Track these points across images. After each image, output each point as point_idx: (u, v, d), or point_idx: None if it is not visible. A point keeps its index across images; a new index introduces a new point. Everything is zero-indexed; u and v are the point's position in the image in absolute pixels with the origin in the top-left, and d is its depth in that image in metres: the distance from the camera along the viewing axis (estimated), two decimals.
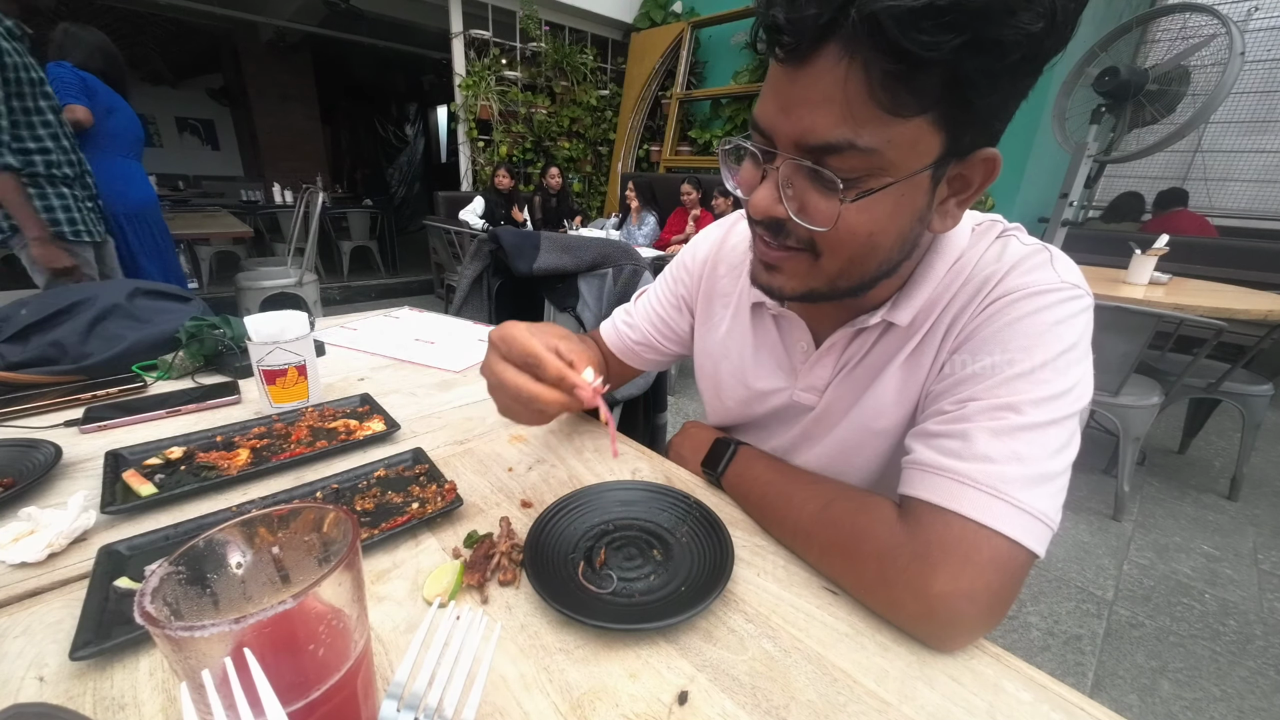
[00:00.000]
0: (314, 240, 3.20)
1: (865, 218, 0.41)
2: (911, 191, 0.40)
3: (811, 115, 0.37)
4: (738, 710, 0.35)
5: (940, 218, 0.44)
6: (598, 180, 5.75)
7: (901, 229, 0.43)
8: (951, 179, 0.42)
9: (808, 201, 0.41)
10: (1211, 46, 2.23)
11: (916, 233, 0.44)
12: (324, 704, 0.26)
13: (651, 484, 0.57)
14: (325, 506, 0.30)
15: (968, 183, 0.42)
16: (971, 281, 0.49)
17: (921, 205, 0.42)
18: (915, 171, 0.39)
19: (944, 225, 0.45)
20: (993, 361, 0.45)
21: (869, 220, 0.41)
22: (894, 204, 0.40)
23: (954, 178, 0.42)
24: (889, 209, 0.40)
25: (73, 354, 0.82)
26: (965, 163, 0.40)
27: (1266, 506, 2.08)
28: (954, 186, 0.43)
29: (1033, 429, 0.42)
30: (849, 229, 0.41)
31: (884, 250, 0.44)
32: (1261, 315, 1.70)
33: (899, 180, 0.38)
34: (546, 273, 1.19)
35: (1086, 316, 0.46)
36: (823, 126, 0.37)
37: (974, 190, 0.43)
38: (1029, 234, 0.52)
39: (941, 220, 0.44)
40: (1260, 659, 1.38)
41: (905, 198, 0.40)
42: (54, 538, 0.45)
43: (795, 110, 0.38)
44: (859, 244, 0.43)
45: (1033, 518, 0.40)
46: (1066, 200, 2.59)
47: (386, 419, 0.71)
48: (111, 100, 2.08)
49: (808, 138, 0.38)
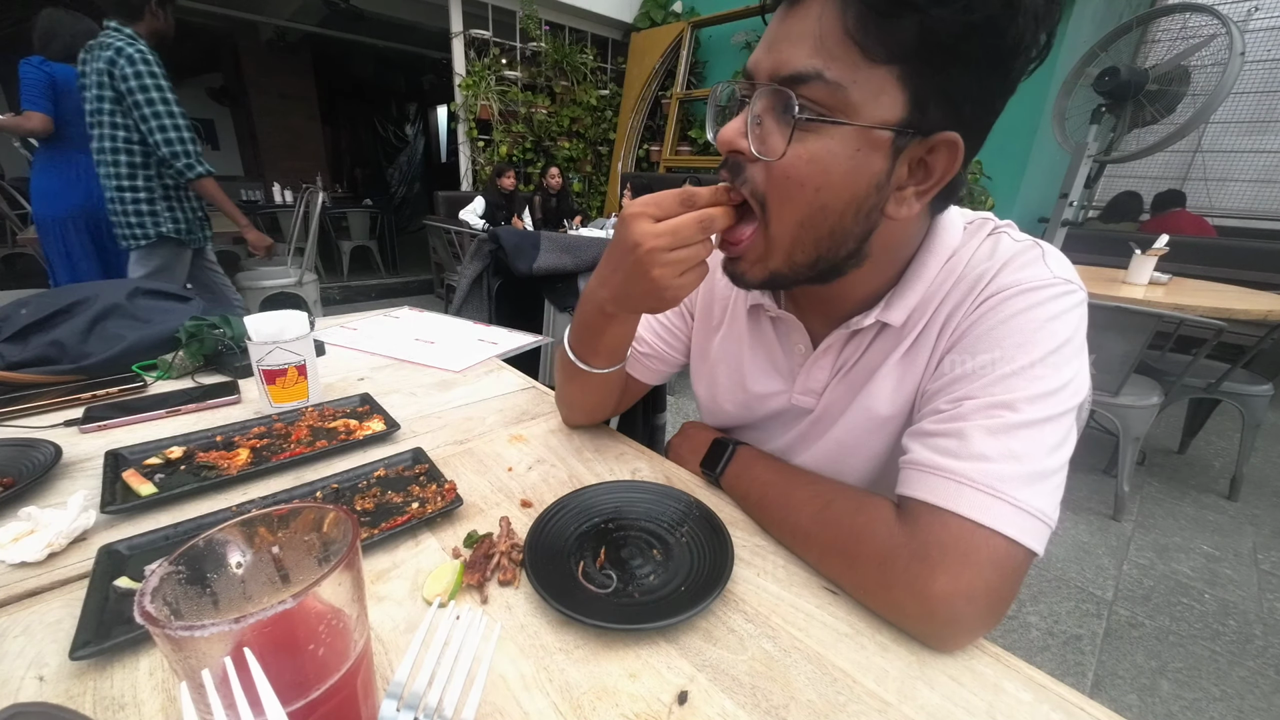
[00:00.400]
0: (314, 240, 3.20)
1: (813, 161, 0.41)
2: (868, 149, 0.40)
3: (790, 48, 0.40)
4: (737, 710, 0.35)
5: (897, 204, 0.43)
6: (598, 180, 5.75)
7: (854, 192, 0.42)
8: (913, 163, 0.42)
9: (768, 135, 0.42)
10: (1211, 46, 2.23)
11: (871, 205, 0.43)
12: (324, 704, 0.26)
13: (651, 484, 0.57)
14: (325, 506, 0.30)
15: (929, 171, 0.42)
16: (964, 279, 0.49)
17: (877, 172, 0.41)
18: (875, 125, 0.39)
19: (899, 213, 0.44)
20: (987, 359, 0.45)
21: (817, 167, 0.41)
22: (847, 156, 0.40)
23: (915, 162, 0.42)
24: (841, 160, 0.41)
25: (73, 354, 0.82)
26: (927, 143, 0.41)
27: (1266, 506, 2.08)
28: (915, 175, 0.43)
29: (1028, 426, 0.42)
30: (796, 168, 0.41)
31: (834, 214, 0.43)
32: (1261, 315, 1.70)
33: (856, 125, 0.39)
34: (546, 272, 1.19)
35: (1080, 312, 0.46)
36: (797, 57, 0.39)
37: (935, 181, 0.43)
38: (1021, 230, 0.52)
39: (897, 207, 0.44)
40: (1260, 659, 1.38)
41: (860, 155, 0.40)
42: (54, 537, 0.45)
43: (777, 45, 0.41)
44: (805, 198, 0.42)
45: (1031, 516, 0.40)
46: (1066, 200, 2.59)
47: (386, 419, 0.71)
48: None
49: (782, 68, 0.40)
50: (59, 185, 2.06)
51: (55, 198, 2.07)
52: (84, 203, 2.07)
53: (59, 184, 2.06)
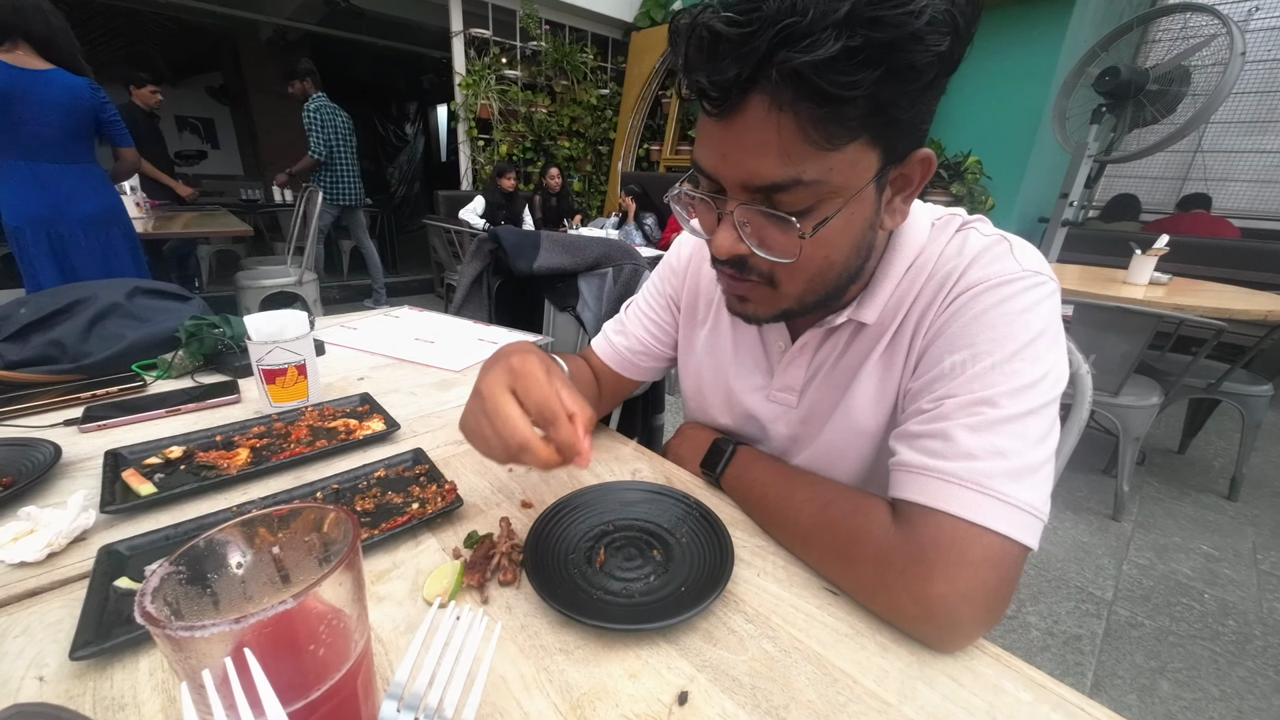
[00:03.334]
0: (314, 239, 3.19)
1: (820, 243, 0.43)
2: (860, 206, 0.43)
3: (753, 161, 0.39)
4: (738, 710, 0.35)
5: (890, 215, 0.46)
6: (598, 180, 5.75)
7: (856, 240, 0.45)
8: (894, 180, 0.44)
9: (767, 237, 0.43)
10: (1212, 46, 2.23)
11: (870, 238, 0.46)
12: (324, 704, 0.26)
13: (651, 484, 0.57)
14: (325, 506, 0.30)
15: (909, 180, 0.45)
16: (935, 277, 0.50)
17: (870, 214, 0.44)
18: (860, 189, 0.41)
19: (895, 221, 0.47)
20: (963, 356, 0.46)
21: (825, 244, 0.43)
22: (845, 222, 0.43)
23: (895, 179, 0.44)
24: (841, 228, 0.43)
25: (72, 353, 0.82)
26: (904, 164, 0.43)
27: (1266, 506, 2.08)
28: (896, 185, 0.45)
29: (1011, 421, 0.42)
30: (809, 257, 0.44)
31: (841, 264, 0.46)
32: (1261, 315, 1.70)
33: (848, 201, 0.41)
34: (547, 272, 1.19)
35: (1052, 302, 0.46)
36: (766, 169, 0.39)
37: (916, 185, 0.45)
38: (992, 225, 0.52)
39: (891, 218, 0.46)
40: (1259, 659, 1.38)
41: (855, 214, 0.43)
42: (53, 537, 0.45)
43: (734, 156, 0.40)
44: (816, 267, 0.45)
45: (1021, 511, 0.40)
46: (1066, 200, 2.59)
47: (386, 419, 0.71)
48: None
49: (753, 180, 0.40)
50: (13, 197, 1.90)
51: (15, 210, 1.91)
52: (48, 215, 1.91)
53: (14, 196, 1.89)
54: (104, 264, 2.05)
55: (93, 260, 2.02)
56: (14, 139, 1.81)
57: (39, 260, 1.95)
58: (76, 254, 1.99)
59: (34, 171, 1.87)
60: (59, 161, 1.90)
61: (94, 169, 2.02)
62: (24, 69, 1.75)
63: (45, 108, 1.80)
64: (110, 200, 2.06)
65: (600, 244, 1.20)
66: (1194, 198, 3.66)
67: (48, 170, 1.89)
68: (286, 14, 5.90)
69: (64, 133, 1.87)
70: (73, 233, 1.96)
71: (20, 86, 1.75)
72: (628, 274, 1.18)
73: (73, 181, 1.94)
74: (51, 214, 1.92)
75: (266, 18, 5.95)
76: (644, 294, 0.76)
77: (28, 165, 1.86)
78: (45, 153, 1.86)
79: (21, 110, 1.77)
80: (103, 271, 2.05)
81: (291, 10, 5.83)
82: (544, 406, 0.43)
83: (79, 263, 2.00)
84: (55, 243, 1.95)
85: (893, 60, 0.34)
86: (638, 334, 0.74)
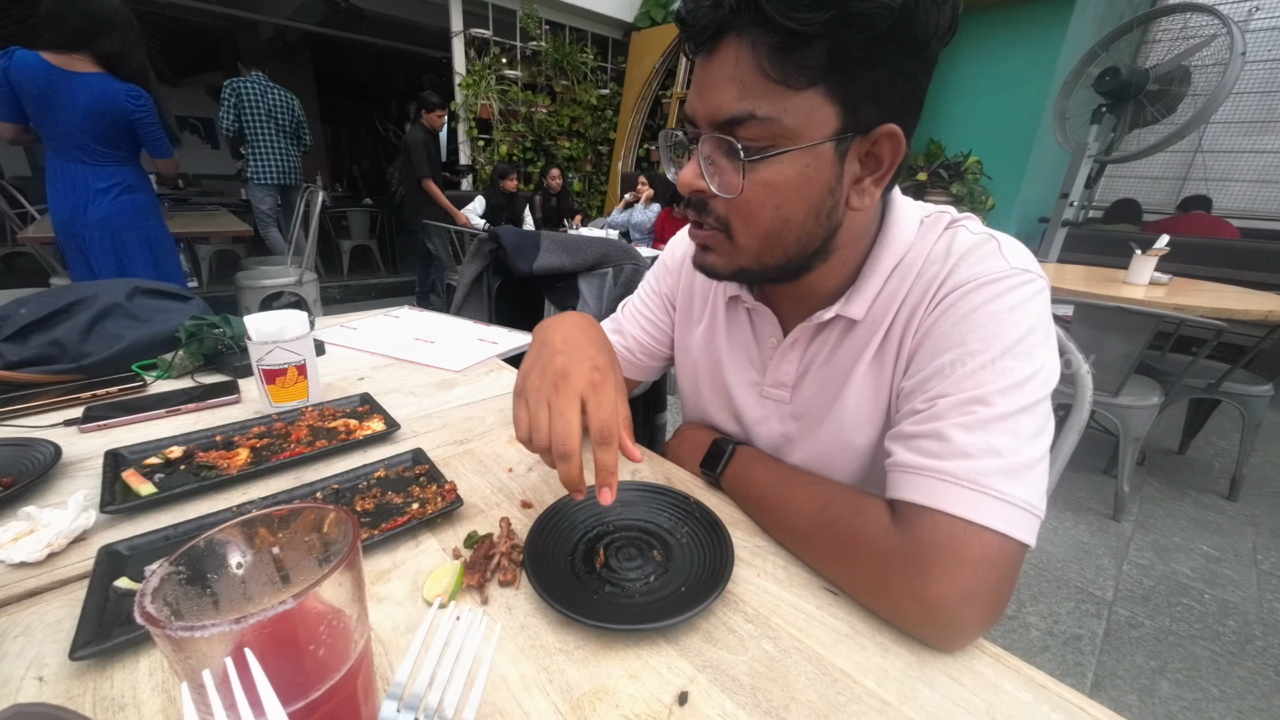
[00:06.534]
0: (314, 239, 3.19)
1: (769, 186, 0.44)
2: (816, 163, 0.43)
3: (719, 95, 0.42)
4: (738, 710, 0.35)
5: (858, 195, 0.46)
6: (598, 180, 5.75)
7: (812, 201, 0.45)
8: (862, 157, 0.44)
9: (722, 172, 0.45)
10: (1212, 46, 2.23)
11: (830, 206, 0.46)
12: (324, 704, 0.26)
13: (651, 484, 0.57)
14: (325, 507, 0.30)
15: (879, 161, 0.45)
16: (923, 276, 0.50)
17: (829, 178, 0.44)
18: (816, 142, 0.42)
19: (862, 203, 0.47)
20: (954, 356, 0.46)
21: (774, 190, 0.44)
22: (798, 174, 0.43)
23: (864, 156, 0.44)
24: (793, 179, 0.43)
25: (72, 353, 0.82)
26: (870, 139, 0.43)
27: (1266, 507, 2.08)
28: (867, 166, 0.45)
29: (1004, 419, 0.42)
30: (755, 196, 0.44)
31: (798, 225, 0.46)
32: (1261, 315, 1.70)
33: (799, 147, 0.42)
34: (547, 272, 1.19)
35: (1041, 299, 0.47)
36: (727, 102, 0.41)
37: (887, 168, 0.45)
38: (981, 224, 0.52)
39: (859, 198, 0.46)
40: (1259, 659, 1.38)
41: (810, 169, 0.43)
42: (53, 537, 0.45)
43: (707, 93, 0.43)
44: (767, 217, 0.45)
45: (1018, 508, 0.40)
46: (1066, 200, 2.59)
47: (386, 419, 0.71)
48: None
49: (717, 114, 0.42)
50: (50, 195, 1.95)
51: (51, 208, 1.98)
52: (69, 217, 1.95)
53: (50, 194, 1.95)
54: (118, 267, 2.08)
55: (107, 262, 2.06)
56: (51, 137, 1.87)
57: (71, 258, 2.04)
58: (93, 255, 2.05)
59: (67, 170, 1.92)
60: (89, 163, 1.94)
61: (123, 171, 2.02)
62: (64, 70, 1.77)
63: (76, 109, 1.83)
64: (126, 204, 2.06)
65: (600, 244, 1.20)
66: (1194, 199, 3.68)
67: (78, 171, 1.93)
68: (286, 14, 5.90)
69: (92, 135, 1.89)
70: (90, 234, 2.01)
71: (57, 87, 1.78)
72: (628, 274, 1.18)
73: (98, 183, 1.97)
74: (71, 214, 1.97)
75: (266, 18, 5.95)
76: (640, 293, 0.76)
77: (62, 164, 1.91)
78: (75, 153, 1.90)
79: (56, 111, 1.81)
80: (116, 274, 2.07)
81: (291, 10, 5.83)
82: (605, 430, 0.45)
83: (96, 264, 2.05)
84: (78, 242, 2.01)
85: (845, 4, 0.36)
86: (634, 333, 0.74)
